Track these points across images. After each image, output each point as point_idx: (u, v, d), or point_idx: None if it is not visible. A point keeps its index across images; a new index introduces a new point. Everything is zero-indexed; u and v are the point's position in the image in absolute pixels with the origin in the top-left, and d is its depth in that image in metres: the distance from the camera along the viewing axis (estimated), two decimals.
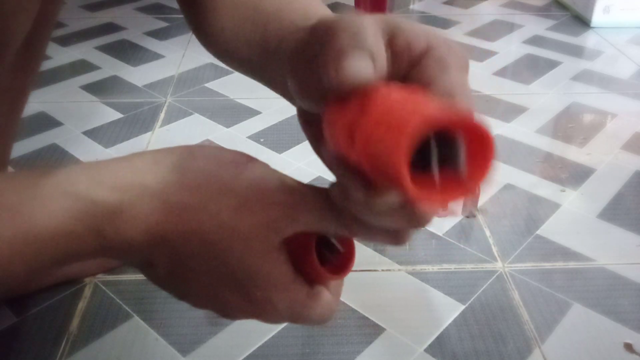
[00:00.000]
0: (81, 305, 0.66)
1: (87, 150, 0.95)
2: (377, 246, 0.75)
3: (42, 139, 0.98)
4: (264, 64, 0.42)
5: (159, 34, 1.43)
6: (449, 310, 0.66)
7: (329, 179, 0.30)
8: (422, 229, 0.78)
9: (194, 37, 0.58)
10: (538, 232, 0.77)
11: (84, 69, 1.25)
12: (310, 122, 0.34)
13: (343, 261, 0.35)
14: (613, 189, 0.86)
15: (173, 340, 0.62)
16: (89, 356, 0.60)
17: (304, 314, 0.34)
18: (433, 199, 0.23)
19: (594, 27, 1.46)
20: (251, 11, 0.44)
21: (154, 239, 0.31)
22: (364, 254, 0.73)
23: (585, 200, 0.84)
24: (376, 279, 0.70)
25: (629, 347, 0.61)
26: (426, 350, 0.61)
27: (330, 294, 0.35)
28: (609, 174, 0.90)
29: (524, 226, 0.79)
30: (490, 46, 1.36)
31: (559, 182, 0.88)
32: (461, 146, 0.23)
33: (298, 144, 0.96)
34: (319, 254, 0.33)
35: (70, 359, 0.60)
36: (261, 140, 0.98)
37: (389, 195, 0.26)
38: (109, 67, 1.25)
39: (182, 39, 1.39)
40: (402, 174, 0.22)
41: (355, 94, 0.26)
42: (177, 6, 0.52)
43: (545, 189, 0.86)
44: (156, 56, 1.30)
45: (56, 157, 0.94)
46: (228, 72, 1.20)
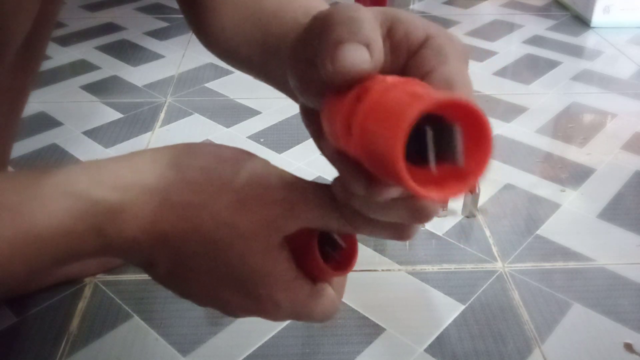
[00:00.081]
0: (81, 305, 0.66)
1: (87, 150, 0.95)
2: (377, 246, 0.75)
3: (42, 139, 0.98)
4: (265, 62, 0.42)
5: (159, 34, 1.43)
6: (449, 310, 0.66)
7: (329, 178, 0.30)
8: (424, 226, 0.78)
9: (194, 37, 0.58)
10: (538, 232, 0.77)
11: (84, 69, 1.25)
12: (312, 118, 0.34)
13: (346, 257, 0.34)
14: (613, 189, 0.86)
15: (173, 340, 0.62)
16: (89, 356, 0.60)
17: (306, 311, 0.34)
18: (432, 191, 0.23)
19: (594, 27, 1.46)
20: (252, 10, 0.44)
21: (155, 238, 0.31)
22: (364, 253, 0.73)
23: (585, 200, 0.84)
24: (376, 279, 0.70)
25: (629, 347, 0.61)
26: (426, 350, 0.61)
27: (334, 290, 0.35)
28: (609, 174, 0.90)
29: (524, 226, 0.79)
30: (490, 46, 1.36)
31: (559, 182, 0.88)
32: (458, 135, 0.23)
33: (298, 144, 0.96)
34: (321, 250, 0.33)
35: (70, 359, 0.60)
36: (261, 140, 0.98)
37: (390, 189, 0.26)
38: (109, 67, 1.25)
39: (182, 39, 1.39)
40: (399, 166, 0.21)
41: (353, 85, 0.26)
42: (177, 6, 0.52)
43: (545, 189, 0.86)
44: (156, 56, 1.30)
45: (56, 157, 0.94)
46: (228, 72, 1.20)
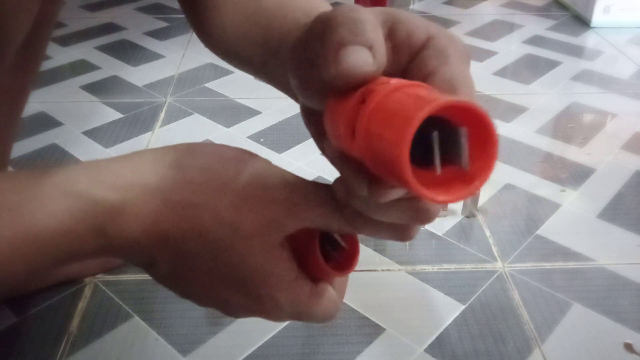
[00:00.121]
0: (81, 305, 0.66)
1: (87, 150, 0.95)
2: (377, 246, 0.75)
3: (42, 139, 0.98)
4: (266, 62, 0.42)
5: (159, 34, 1.43)
6: (449, 310, 0.66)
7: (330, 178, 0.30)
8: (424, 227, 0.78)
9: (194, 37, 0.58)
10: (538, 232, 0.77)
11: (84, 69, 1.25)
12: (313, 119, 0.34)
13: (347, 258, 0.34)
14: (613, 189, 0.86)
15: (173, 340, 0.62)
16: (89, 356, 0.60)
17: (307, 311, 0.34)
18: (438, 194, 0.23)
19: (594, 27, 1.46)
20: (252, 10, 0.43)
21: (155, 237, 0.31)
22: (364, 254, 0.73)
23: (585, 200, 0.84)
24: (376, 279, 0.70)
25: (629, 347, 0.61)
26: (426, 350, 0.61)
27: (335, 291, 0.35)
28: (609, 174, 0.90)
29: (524, 226, 0.79)
30: (490, 46, 1.36)
31: (559, 182, 0.88)
32: (464, 138, 0.23)
33: (298, 144, 0.96)
34: (322, 250, 0.33)
35: (70, 359, 0.60)
36: (261, 140, 0.98)
37: (392, 190, 0.26)
38: (109, 67, 1.25)
39: (182, 39, 1.39)
40: (405, 169, 0.21)
41: (356, 87, 0.26)
42: (177, 6, 0.52)
43: (545, 189, 0.86)
44: (156, 56, 1.30)
45: (56, 157, 0.94)
46: (228, 72, 1.20)
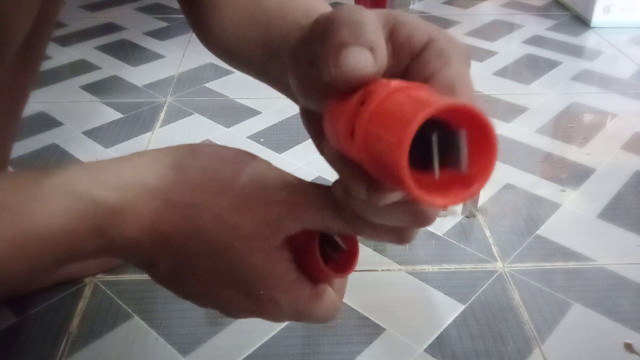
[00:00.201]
0: (81, 305, 0.66)
1: (87, 150, 0.95)
2: (377, 246, 0.75)
3: (42, 139, 0.98)
4: (265, 63, 0.42)
5: (159, 34, 1.43)
6: (449, 310, 0.66)
7: (329, 178, 0.30)
8: (425, 228, 0.78)
9: (194, 37, 0.58)
10: (538, 232, 0.77)
11: (84, 69, 1.25)
12: (312, 120, 0.34)
13: (347, 259, 0.34)
14: (613, 189, 0.86)
15: (173, 340, 0.62)
16: (89, 356, 0.60)
17: (307, 312, 0.34)
18: (436, 197, 0.23)
19: (594, 27, 1.46)
20: (252, 10, 0.43)
21: (156, 238, 0.31)
22: (364, 254, 0.73)
23: (585, 200, 0.84)
24: (376, 279, 0.70)
25: (629, 347, 0.61)
26: (426, 350, 0.61)
27: (334, 292, 0.35)
28: (609, 174, 0.90)
29: (524, 226, 0.79)
30: (490, 46, 1.36)
31: (559, 182, 0.88)
32: (463, 141, 0.23)
33: (298, 144, 0.96)
34: (322, 252, 0.33)
35: (70, 359, 0.60)
36: (261, 140, 0.98)
37: (391, 193, 0.26)
38: (109, 67, 1.25)
39: (182, 39, 1.39)
40: (404, 171, 0.21)
41: (356, 88, 0.26)
42: (177, 6, 0.52)
43: (545, 189, 0.86)
44: (156, 56, 1.30)
45: (56, 157, 0.94)
46: (228, 72, 1.20)
